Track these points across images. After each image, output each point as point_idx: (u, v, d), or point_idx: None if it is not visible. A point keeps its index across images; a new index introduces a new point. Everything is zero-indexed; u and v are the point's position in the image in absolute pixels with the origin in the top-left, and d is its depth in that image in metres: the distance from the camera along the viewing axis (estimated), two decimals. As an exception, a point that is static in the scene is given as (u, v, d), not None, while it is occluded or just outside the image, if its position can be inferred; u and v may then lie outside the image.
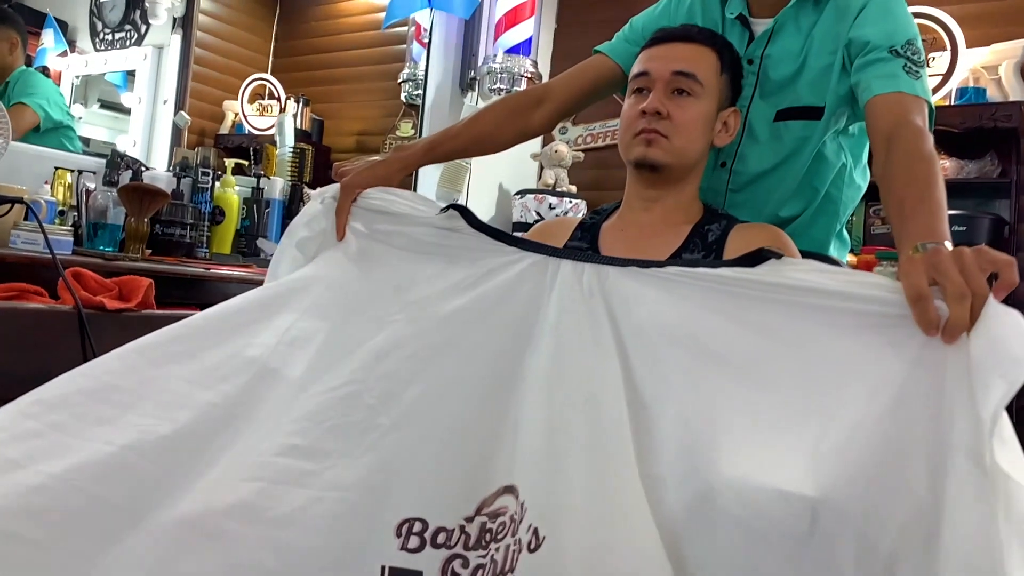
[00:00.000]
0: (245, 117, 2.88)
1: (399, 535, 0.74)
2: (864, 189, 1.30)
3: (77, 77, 2.40)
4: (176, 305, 1.32)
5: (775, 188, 1.23)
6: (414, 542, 0.73)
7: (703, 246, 1.10)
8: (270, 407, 0.83)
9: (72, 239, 1.39)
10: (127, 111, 2.39)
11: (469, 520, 0.74)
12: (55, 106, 2.01)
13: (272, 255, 1.88)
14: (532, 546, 0.69)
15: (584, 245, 1.18)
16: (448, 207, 0.98)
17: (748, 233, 1.10)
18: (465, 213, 0.97)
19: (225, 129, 2.92)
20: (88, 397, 0.81)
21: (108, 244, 1.55)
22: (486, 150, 1.29)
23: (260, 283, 1.61)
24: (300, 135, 2.67)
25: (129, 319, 1.20)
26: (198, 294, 1.48)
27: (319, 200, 1.05)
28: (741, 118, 1.17)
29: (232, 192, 1.95)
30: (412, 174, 2.63)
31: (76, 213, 1.62)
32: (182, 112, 2.18)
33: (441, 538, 0.74)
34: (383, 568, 0.73)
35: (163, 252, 1.69)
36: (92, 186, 1.62)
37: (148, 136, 2.33)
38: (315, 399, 0.82)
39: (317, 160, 2.80)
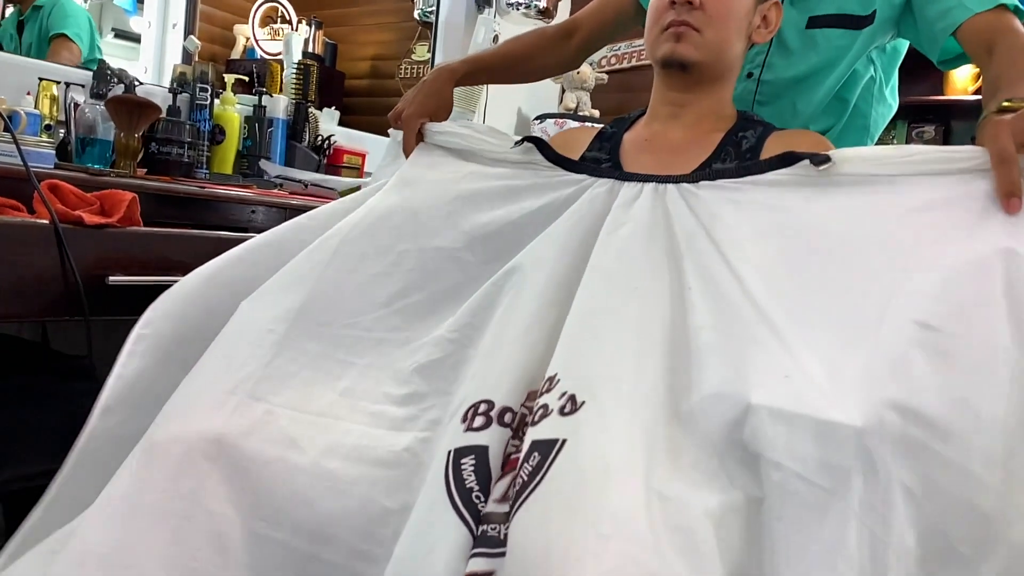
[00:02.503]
0: (256, 42, 2.76)
1: (464, 419, 0.74)
2: (895, 109, 1.26)
3: (85, 1, 2.28)
4: (167, 224, 1.23)
5: (805, 101, 1.17)
6: (479, 421, 0.73)
7: (736, 155, 0.98)
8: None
9: (53, 152, 1.30)
10: (139, 39, 2.27)
11: (520, 407, 0.75)
12: (92, 38, 1.91)
13: (275, 176, 1.79)
14: (566, 410, 0.67)
15: (603, 156, 1.07)
16: (522, 140, 0.99)
17: (787, 140, 0.99)
18: (540, 145, 0.99)
19: (236, 54, 2.82)
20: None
21: (98, 161, 1.46)
22: (517, 73, 1.29)
23: (260, 203, 1.53)
24: (313, 60, 2.54)
25: (112, 235, 1.11)
26: (192, 213, 1.39)
27: (393, 140, 1.12)
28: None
29: (232, 110, 1.84)
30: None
31: (65, 129, 1.53)
32: (192, 37, 2.06)
33: (508, 418, 0.73)
34: (449, 453, 0.71)
35: (160, 172, 1.60)
36: (81, 99, 1.52)
37: (159, 62, 2.22)
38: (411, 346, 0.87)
39: (329, 83, 2.68)
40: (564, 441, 0.65)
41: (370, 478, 0.75)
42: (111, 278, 1.09)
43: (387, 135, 1.22)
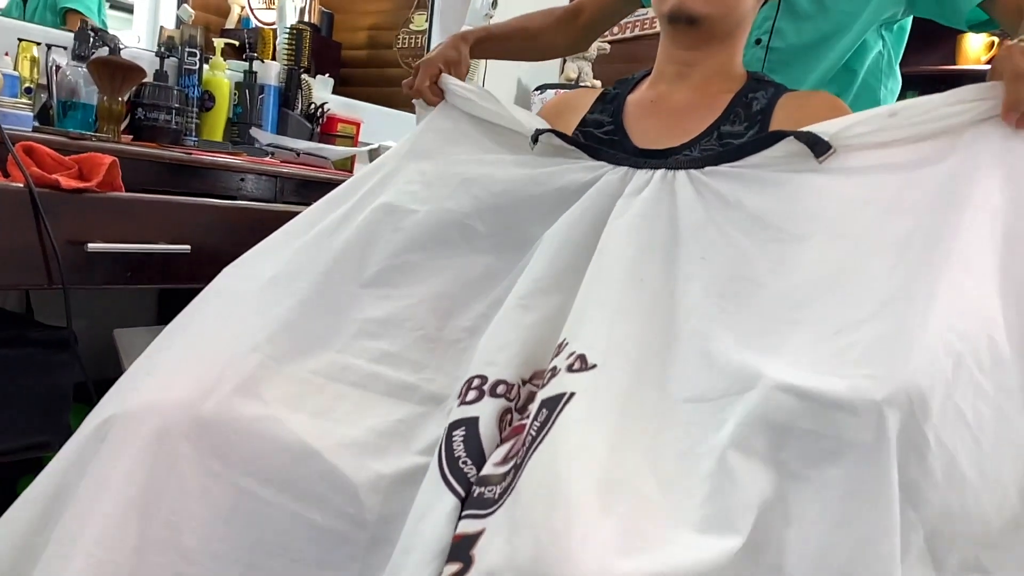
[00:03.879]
0: (252, 11, 2.68)
1: (459, 395, 0.74)
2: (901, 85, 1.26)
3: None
4: (151, 190, 1.18)
5: (813, 69, 1.15)
6: (472, 395, 0.73)
7: (745, 116, 0.93)
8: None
9: (31, 115, 1.25)
10: (132, 10, 2.20)
11: (524, 382, 0.75)
12: (100, 9, 1.84)
13: (267, 144, 1.74)
14: (575, 367, 0.68)
15: (605, 119, 1.02)
16: (539, 134, 0.95)
17: (801, 101, 0.94)
18: (559, 136, 0.95)
19: (231, 23, 2.73)
20: None
21: (80, 126, 1.41)
22: (524, 49, 1.27)
23: (250, 171, 1.48)
24: (307, 27, 2.47)
25: (91, 201, 1.06)
26: (178, 180, 1.34)
27: (419, 110, 1.10)
28: None
29: (222, 76, 1.78)
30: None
31: (48, 93, 1.47)
32: (185, 5, 1.99)
33: (501, 389, 0.73)
34: (445, 428, 0.71)
35: (147, 139, 1.55)
36: (64, 62, 1.46)
37: (152, 32, 2.15)
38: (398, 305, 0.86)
39: (326, 54, 2.61)
40: (572, 394, 0.65)
41: (362, 442, 0.74)
42: (91, 245, 1.05)
43: (385, 105, 1.19)
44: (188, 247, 1.15)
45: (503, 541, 0.57)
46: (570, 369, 0.67)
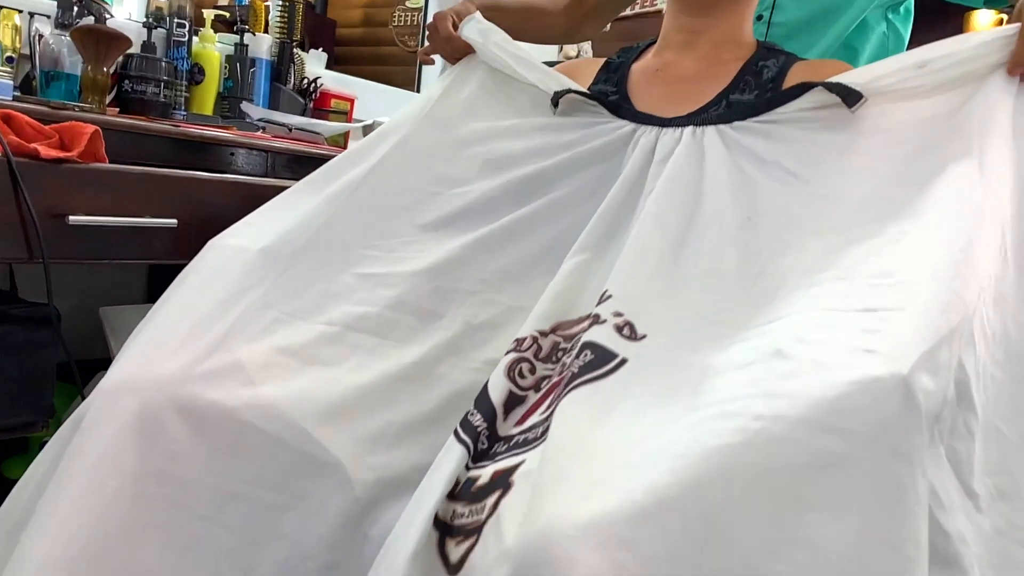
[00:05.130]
0: (245, -15, 2.62)
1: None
2: None
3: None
4: (137, 164, 1.14)
5: (814, 44, 1.15)
6: None
7: (756, 84, 0.90)
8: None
9: (11, 84, 1.20)
10: None
11: (543, 334, 0.73)
12: None
13: (258, 119, 1.69)
14: (625, 333, 0.67)
15: (609, 89, 0.98)
16: (558, 98, 0.93)
17: (814, 67, 0.90)
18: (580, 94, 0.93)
19: (224, 0, 2.69)
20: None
21: (64, 97, 1.36)
22: (526, 27, 1.22)
23: (241, 145, 1.43)
24: (304, 7, 2.41)
25: (72, 171, 1.02)
26: (166, 154, 1.30)
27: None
28: None
29: (212, 48, 1.73)
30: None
31: (31, 63, 1.42)
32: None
33: (511, 343, 0.73)
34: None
35: (134, 112, 1.50)
36: (46, 31, 1.41)
37: (143, 4, 2.09)
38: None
39: (320, 31, 2.56)
40: (625, 360, 0.64)
41: (382, 385, 0.73)
42: (72, 218, 1.01)
43: (380, 82, 1.15)
44: (175, 221, 1.11)
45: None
46: (620, 332, 0.66)
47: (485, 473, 0.60)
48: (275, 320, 0.76)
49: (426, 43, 1.10)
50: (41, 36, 1.39)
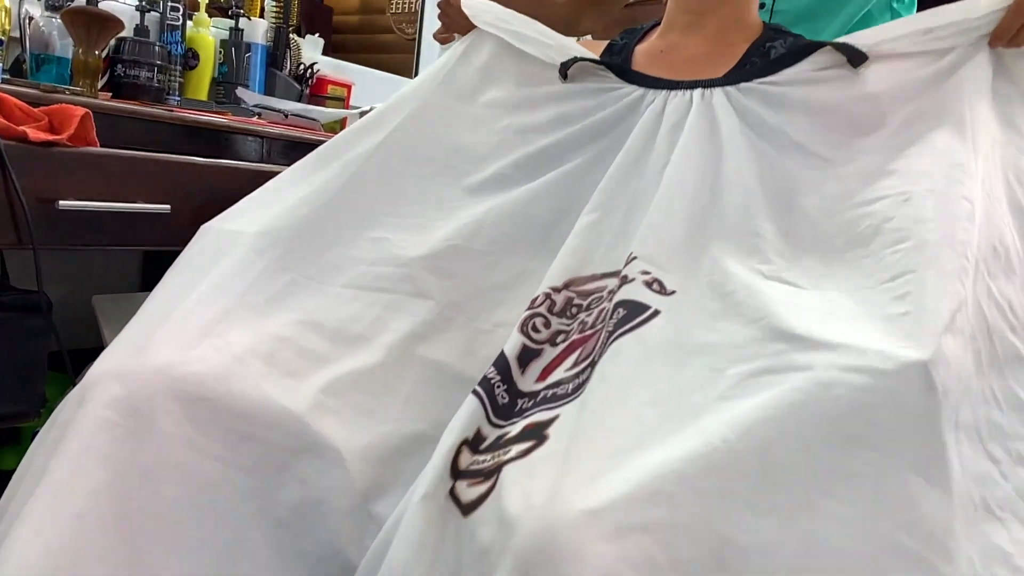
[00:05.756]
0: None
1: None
2: None
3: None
4: (127, 148, 1.11)
5: (819, 34, 1.12)
6: None
7: (763, 65, 0.87)
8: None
9: (1, 67, 1.18)
10: None
11: (556, 291, 0.74)
12: None
13: (254, 105, 1.66)
14: (655, 287, 0.67)
15: (615, 62, 0.96)
16: (569, 65, 0.92)
17: (825, 48, 0.87)
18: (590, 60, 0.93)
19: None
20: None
21: (54, 80, 1.34)
22: (533, 11, 1.17)
23: (235, 131, 1.41)
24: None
25: (62, 155, 0.99)
26: (159, 139, 1.27)
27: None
28: None
29: (207, 33, 1.70)
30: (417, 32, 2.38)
31: (21, 46, 1.39)
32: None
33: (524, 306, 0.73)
34: None
35: (127, 97, 1.47)
36: (37, 13, 1.39)
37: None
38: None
39: (317, 18, 2.52)
40: (658, 311, 0.65)
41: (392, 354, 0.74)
42: (62, 203, 0.98)
43: (377, 67, 1.13)
44: (168, 207, 1.09)
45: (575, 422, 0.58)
46: (650, 287, 0.67)
47: (515, 428, 0.61)
48: (291, 282, 0.77)
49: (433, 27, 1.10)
50: (31, 18, 1.36)
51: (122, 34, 1.46)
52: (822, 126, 0.78)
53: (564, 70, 0.92)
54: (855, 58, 0.79)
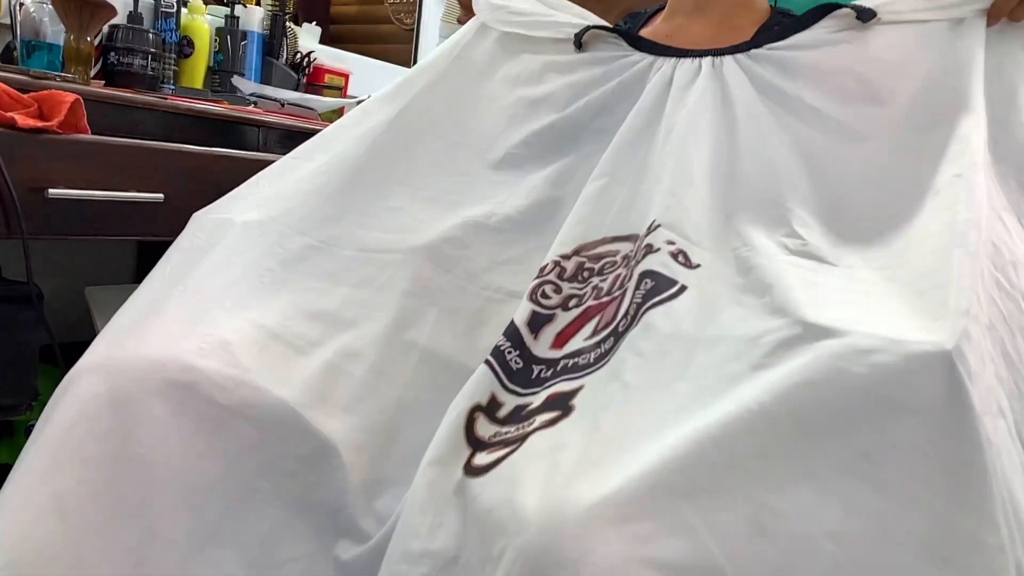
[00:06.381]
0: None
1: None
2: None
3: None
4: (117, 133, 1.09)
5: None
6: None
7: (772, 35, 0.85)
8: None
9: (-10, 52, 1.15)
10: None
11: (565, 257, 0.73)
12: None
13: (250, 94, 1.64)
14: (680, 260, 0.67)
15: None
16: (582, 34, 0.90)
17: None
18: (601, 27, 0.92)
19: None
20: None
21: (45, 67, 1.31)
22: None
23: (231, 119, 1.38)
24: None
25: (52, 142, 0.97)
26: (153, 128, 1.25)
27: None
28: None
29: (202, 20, 1.67)
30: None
31: (12, 33, 1.37)
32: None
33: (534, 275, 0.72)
34: None
35: (120, 84, 1.45)
36: (27, -1, 1.36)
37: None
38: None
39: (315, 7, 2.49)
40: (685, 287, 0.64)
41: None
42: (51, 191, 0.96)
43: (375, 58, 1.10)
44: (162, 196, 1.06)
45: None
46: (675, 259, 0.66)
47: (537, 398, 0.61)
48: (307, 247, 0.77)
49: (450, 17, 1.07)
50: (22, 4, 1.34)
51: (115, 21, 1.44)
52: (836, 88, 0.78)
53: (578, 40, 0.90)
54: (864, 14, 0.78)
